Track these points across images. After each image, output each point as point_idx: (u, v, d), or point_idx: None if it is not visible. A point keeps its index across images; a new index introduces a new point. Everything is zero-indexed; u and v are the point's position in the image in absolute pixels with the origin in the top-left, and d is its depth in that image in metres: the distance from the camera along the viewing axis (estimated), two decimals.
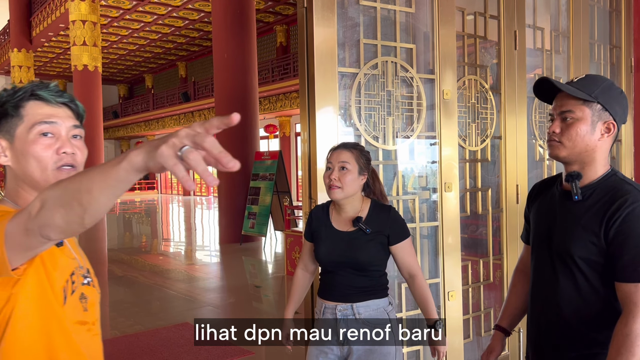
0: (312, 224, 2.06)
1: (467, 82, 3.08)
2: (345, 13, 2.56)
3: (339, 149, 1.98)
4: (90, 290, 1.16)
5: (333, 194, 1.93)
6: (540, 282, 1.63)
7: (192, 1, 16.96)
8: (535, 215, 1.69)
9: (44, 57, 23.98)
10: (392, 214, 1.99)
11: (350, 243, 1.95)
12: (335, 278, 1.97)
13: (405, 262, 1.99)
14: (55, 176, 1.09)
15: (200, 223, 15.03)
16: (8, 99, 1.09)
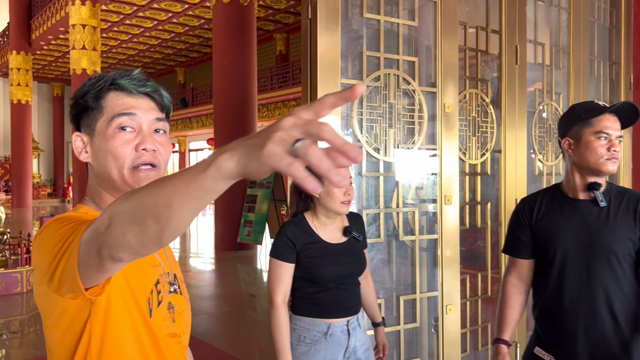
0: (296, 243, 1.86)
1: (468, 96, 3.09)
2: (348, 25, 2.57)
3: None
4: (178, 298, 1.06)
5: (347, 208, 1.89)
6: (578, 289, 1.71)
7: (193, 8, 17.02)
8: (555, 228, 1.76)
9: (43, 60, 23.97)
10: (362, 220, 2.09)
11: (349, 253, 1.95)
12: (340, 293, 1.91)
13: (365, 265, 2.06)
14: (132, 176, 0.98)
15: (196, 230, 14.98)
16: (90, 89, 1.00)
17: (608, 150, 1.71)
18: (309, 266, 1.86)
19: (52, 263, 0.81)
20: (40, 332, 5.35)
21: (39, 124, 28.44)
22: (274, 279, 1.88)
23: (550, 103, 3.59)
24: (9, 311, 5.76)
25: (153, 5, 16.76)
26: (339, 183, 0.52)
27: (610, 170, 1.71)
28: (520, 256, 1.89)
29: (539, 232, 1.81)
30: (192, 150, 26.39)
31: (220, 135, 10.19)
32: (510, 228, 1.95)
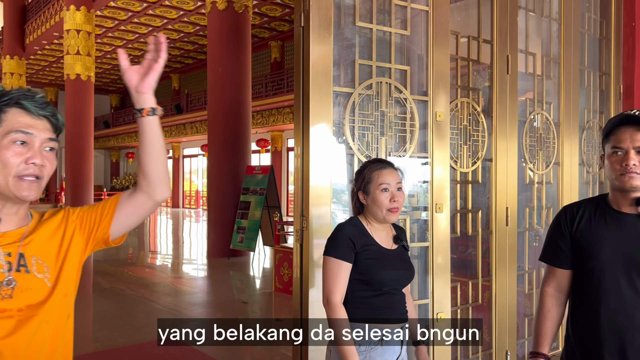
0: (357, 242, 1.86)
1: (459, 104, 3.12)
2: (341, 33, 2.59)
3: (388, 167, 1.91)
4: (23, 276, 1.16)
5: (395, 217, 1.89)
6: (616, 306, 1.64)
7: (188, 14, 17.05)
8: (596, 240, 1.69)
9: (37, 65, 23.90)
10: (403, 229, 2.09)
11: (402, 260, 1.95)
12: (393, 298, 1.89)
13: None
14: (15, 185, 1.12)
15: (189, 236, 14.93)
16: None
17: (620, 165, 1.63)
18: (366, 268, 1.86)
19: None
20: None
21: None
22: (331, 278, 1.84)
23: (541, 112, 3.63)
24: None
25: (148, 11, 16.78)
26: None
27: (629, 185, 1.62)
28: (560, 266, 1.79)
29: (579, 242, 1.73)
30: (186, 156, 26.35)
31: (214, 142, 10.19)
32: (550, 235, 1.84)
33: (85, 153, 15.69)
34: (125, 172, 31.69)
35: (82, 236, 1.25)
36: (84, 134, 15.56)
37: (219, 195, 10.14)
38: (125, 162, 31.68)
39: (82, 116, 15.57)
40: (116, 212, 1.25)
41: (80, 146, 15.53)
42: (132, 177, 30.40)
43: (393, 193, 1.86)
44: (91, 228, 1.26)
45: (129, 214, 1.27)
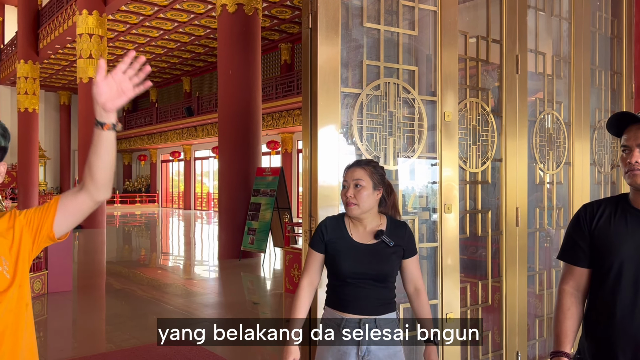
0: (326, 234, 2.06)
1: (468, 105, 3.11)
2: (349, 34, 2.60)
3: (353, 166, 2.05)
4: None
5: (350, 210, 2.01)
6: (632, 306, 1.62)
7: (199, 17, 17.16)
8: (614, 238, 1.68)
9: (50, 69, 24.19)
10: (408, 230, 2.10)
11: (373, 255, 2.01)
12: (357, 290, 1.99)
13: (414, 276, 2.09)
14: None
15: (200, 237, 15.00)
16: None
17: (626, 163, 1.63)
18: (331, 259, 2.03)
19: None
20: (44, 337, 5.36)
21: (45, 132, 28.64)
22: (304, 264, 2.10)
23: (552, 112, 3.60)
24: None
25: (159, 15, 16.92)
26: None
27: (634, 182, 1.62)
28: (578, 264, 1.78)
29: (597, 240, 1.72)
30: (197, 158, 26.49)
31: (225, 144, 10.24)
32: (569, 233, 1.82)
33: None
34: (138, 174, 31.92)
35: (30, 235, 1.37)
36: None
37: (229, 197, 10.19)
38: (137, 164, 31.92)
39: (95, 119, 15.71)
40: (58, 212, 1.37)
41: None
42: (144, 180, 30.62)
43: (348, 189, 2.01)
44: (37, 228, 1.37)
45: (70, 213, 1.39)
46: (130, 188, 30.64)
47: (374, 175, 2.02)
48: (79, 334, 5.51)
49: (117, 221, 20.20)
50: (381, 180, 2.05)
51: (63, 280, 7.01)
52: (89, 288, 7.66)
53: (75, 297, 6.85)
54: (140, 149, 28.91)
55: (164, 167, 29.52)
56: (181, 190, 27.91)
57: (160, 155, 29.32)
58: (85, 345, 5.08)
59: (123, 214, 24.33)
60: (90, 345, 5.05)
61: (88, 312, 6.38)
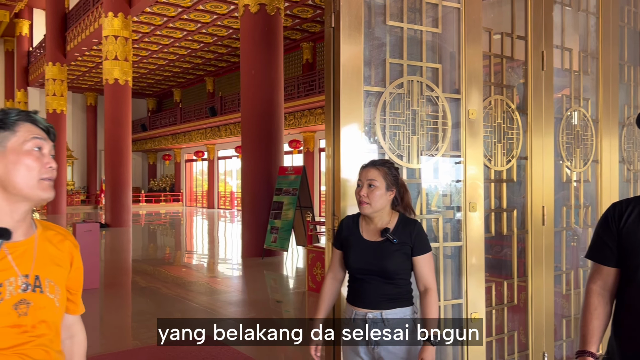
0: (342, 232, 2.18)
1: (493, 102, 3.07)
2: (371, 33, 2.59)
3: (368, 166, 2.10)
4: (37, 296, 1.26)
5: (362, 209, 2.08)
6: None
7: (221, 18, 17.31)
8: None
9: (77, 71, 24.70)
10: (417, 227, 2.12)
11: (378, 252, 2.07)
12: (365, 286, 2.08)
13: (423, 274, 2.09)
14: (39, 185, 1.26)
15: (223, 236, 15.14)
16: (4, 117, 1.26)
17: None
18: (344, 255, 2.15)
19: None
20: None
21: (73, 132, 29.25)
22: (330, 261, 2.25)
23: (579, 109, 3.54)
24: None
25: (183, 16, 17.12)
26: None
27: None
28: (606, 263, 1.75)
29: (625, 238, 1.69)
30: (221, 158, 26.74)
31: (248, 143, 10.31)
32: (597, 232, 1.80)
33: (124, 156, 16.11)
34: (162, 174, 32.38)
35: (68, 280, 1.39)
36: (122, 137, 16.00)
37: (252, 195, 10.26)
38: (162, 164, 32.38)
39: (121, 120, 16.00)
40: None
41: (118, 149, 15.96)
42: (169, 179, 31.04)
43: (362, 188, 2.07)
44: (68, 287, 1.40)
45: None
46: (155, 187, 31.10)
47: (387, 176, 2.07)
48: (106, 331, 5.62)
49: (143, 220, 20.52)
50: (395, 180, 2.10)
51: (90, 278, 7.16)
52: (115, 285, 7.80)
53: (102, 295, 6.99)
54: (164, 148, 29.30)
55: (188, 166, 29.87)
56: (205, 189, 28.22)
57: (184, 155, 29.68)
58: (112, 341, 5.18)
59: (148, 212, 24.70)
60: (116, 342, 5.15)
61: (115, 309, 6.50)
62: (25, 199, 1.26)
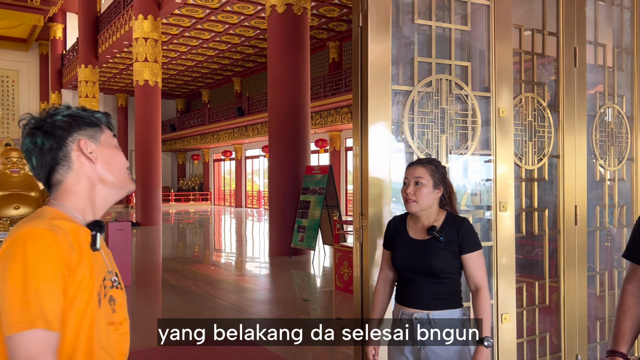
0: (390, 232, 2.18)
1: (523, 100, 3.03)
2: (399, 31, 2.58)
3: (415, 164, 2.10)
4: (119, 292, 1.25)
5: (409, 207, 2.07)
6: None
7: (249, 19, 17.46)
8: None
9: (108, 73, 25.24)
10: (465, 225, 2.08)
11: (424, 250, 2.05)
12: (411, 285, 2.07)
13: (473, 273, 2.05)
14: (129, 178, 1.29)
15: (251, 235, 15.27)
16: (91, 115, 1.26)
17: None
18: (392, 254, 2.15)
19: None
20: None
21: None
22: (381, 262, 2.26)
23: (613, 106, 3.45)
24: None
25: (211, 17, 17.33)
26: None
27: None
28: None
29: None
30: (248, 157, 26.97)
31: (275, 143, 10.38)
32: (634, 232, 1.77)
33: (154, 155, 16.41)
34: (191, 173, 32.85)
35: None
36: (152, 137, 16.29)
37: (279, 195, 10.32)
38: (190, 163, 32.85)
39: (151, 120, 16.29)
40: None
41: (148, 149, 16.26)
42: (198, 178, 31.46)
43: (408, 186, 2.06)
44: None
45: None
46: (184, 186, 31.57)
47: (434, 174, 2.06)
48: (138, 328, 5.73)
49: (172, 219, 20.85)
50: (442, 179, 2.08)
51: (123, 276, 7.27)
52: (146, 283, 7.96)
53: (134, 292, 7.13)
54: (193, 148, 29.71)
55: (216, 166, 30.23)
56: (232, 188, 28.51)
57: (212, 155, 30.04)
58: (143, 338, 5.28)
59: (177, 211, 25.08)
60: (148, 339, 5.25)
61: (146, 307, 6.63)
62: (119, 191, 1.27)
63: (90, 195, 1.22)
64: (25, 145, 1.21)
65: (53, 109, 1.23)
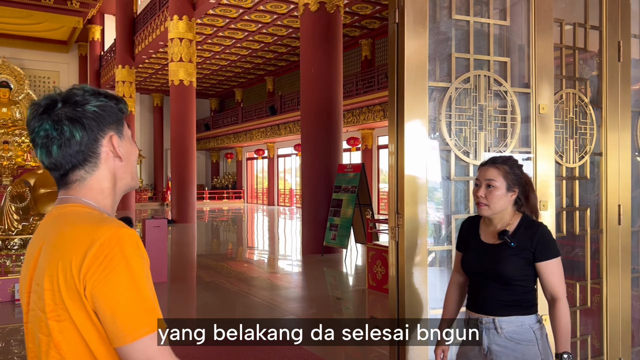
0: (462, 234, 2.11)
1: (564, 96, 2.95)
2: (436, 27, 2.55)
3: (487, 164, 1.97)
4: None
5: (480, 211, 1.97)
6: None
7: (281, 18, 17.55)
8: None
9: (144, 73, 25.79)
10: (540, 231, 1.93)
11: (493, 255, 1.95)
12: (480, 290, 1.99)
13: (548, 282, 1.92)
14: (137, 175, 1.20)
15: (283, 232, 15.37)
16: (122, 104, 1.14)
17: None
18: (463, 257, 2.08)
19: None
20: None
21: (140, 132, 30.60)
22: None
23: None
24: None
25: (244, 17, 17.49)
26: None
27: None
28: None
29: None
30: (280, 155, 27.13)
31: (307, 141, 10.41)
32: None
33: (189, 154, 16.68)
34: (225, 171, 33.28)
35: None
36: (187, 136, 16.56)
37: (311, 193, 10.35)
38: (224, 162, 33.27)
39: (185, 119, 16.56)
40: None
41: (183, 148, 16.54)
42: (231, 177, 31.85)
43: (480, 188, 1.95)
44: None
45: None
46: (218, 185, 32.01)
47: (508, 176, 1.93)
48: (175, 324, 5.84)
49: (206, 216, 21.16)
50: (517, 180, 1.94)
51: (160, 272, 7.47)
52: (181, 280, 8.10)
53: (170, 288, 7.27)
54: (227, 147, 30.08)
55: (249, 164, 30.53)
56: (265, 186, 28.75)
57: (245, 153, 30.35)
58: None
59: (211, 209, 25.45)
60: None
61: (181, 303, 6.75)
62: (131, 188, 1.19)
63: (113, 193, 1.14)
64: (45, 131, 1.05)
65: (80, 93, 1.08)
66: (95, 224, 1.00)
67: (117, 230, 0.99)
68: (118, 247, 0.96)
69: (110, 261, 0.95)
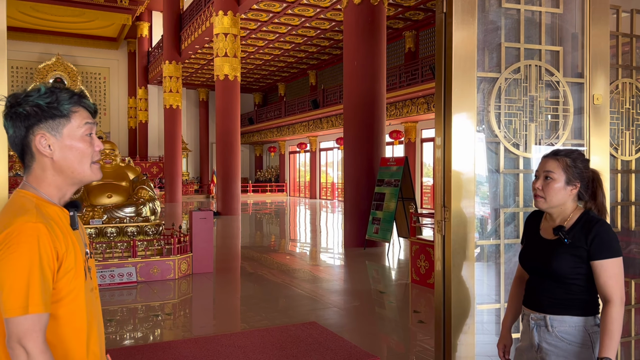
0: (526, 228, 2.09)
1: (620, 86, 2.83)
2: (485, 16, 2.49)
3: (548, 156, 1.92)
4: (92, 261, 1.38)
5: (537, 203, 1.93)
6: None
7: (324, 11, 17.53)
8: None
9: (190, 68, 26.32)
10: (597, 228, 1.83)
11: (547, 251, 1.90)
12: (535, 285, 1.96)
13: (601, 283, 1.81)
14: (92, 169, 1.31)
15: (325, 226, 15.42)
16: (58, 104, 1.27)
17: None
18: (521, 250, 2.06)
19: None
20: (189, 314, 5.88)
21: (187, 126, 31.31)
22: None
23: None
24: (163, 295, 6.44)
25: (287, 11, 17.57)
26: None
27: None
28: None
29: None
30: (322, 149, 27.19)
31: (350, 134, 10.38)
32: None
33: (233, 148, 16.95)
34: (268, 165, 33.66)
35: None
36: (231, 130, 16.83)
37: (353, 186, 10.33)
38: (267, 155, 33.65)
39: (230, 114, 16.83)
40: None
41: (229, 142, 16.82)
42: (274, 170, 32.19)
43: (537, 180, 1.91)
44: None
45: None
46: (261, 178, 32.42)
47: (569, 169, 1.85)
48: (218, 313, 5.98)
49: (250, 209, 21.47)
50: (579, 174, 1.86)
51: (205, 263, 7.64)
52: (226, 270, 8.26)
53: (215, 279, 7.43)
54: (270, 141, 30.39)
55: (291, 158, 30.76)
56: (307, 180, 28.91)
57: (288, 147, 30.59)
58: (223, 323, 5.50)
59: (255, 202, 25.80)
60: (227, 324, 5.46)
61: (226, 293, 6.89)
62: (79, 182, 1.31)
63: (56, 183, 1.28)
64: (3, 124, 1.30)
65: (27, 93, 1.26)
66: (13, 215, 1.18)
67: (24, 224, 1.16)
68: (17, 238, 1.14)
69: (9, 248, 1.14)
